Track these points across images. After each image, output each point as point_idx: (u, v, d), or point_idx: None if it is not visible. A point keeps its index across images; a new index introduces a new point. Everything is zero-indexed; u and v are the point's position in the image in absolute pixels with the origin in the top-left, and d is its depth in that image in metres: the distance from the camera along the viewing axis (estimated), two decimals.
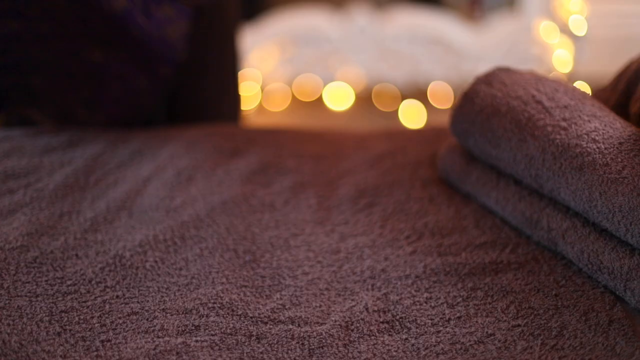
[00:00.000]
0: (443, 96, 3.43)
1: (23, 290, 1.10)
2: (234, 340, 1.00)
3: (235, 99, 2.03)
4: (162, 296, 1.10)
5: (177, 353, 0.97)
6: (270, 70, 3.49)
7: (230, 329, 1.02)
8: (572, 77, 3.16)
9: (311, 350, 0.99)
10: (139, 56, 1.67)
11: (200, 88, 1.88)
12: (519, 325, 1.04)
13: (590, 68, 3.23)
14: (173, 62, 1.71)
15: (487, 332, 1.03)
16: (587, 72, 3.20)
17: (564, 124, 1.17)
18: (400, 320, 1.05)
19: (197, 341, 0.99)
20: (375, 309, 1.07)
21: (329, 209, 1.31)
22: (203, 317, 1.04)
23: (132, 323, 1.04)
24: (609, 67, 3.10)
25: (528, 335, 1.02)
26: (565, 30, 3.22)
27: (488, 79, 1.32)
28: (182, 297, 1.09)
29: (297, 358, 0.98)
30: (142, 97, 1.73)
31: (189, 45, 1.74)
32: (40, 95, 1.68)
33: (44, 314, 1.05)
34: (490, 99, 1.28)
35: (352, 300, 1.10)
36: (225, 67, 1.92)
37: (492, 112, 1.26)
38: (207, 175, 1.43)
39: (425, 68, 3.50)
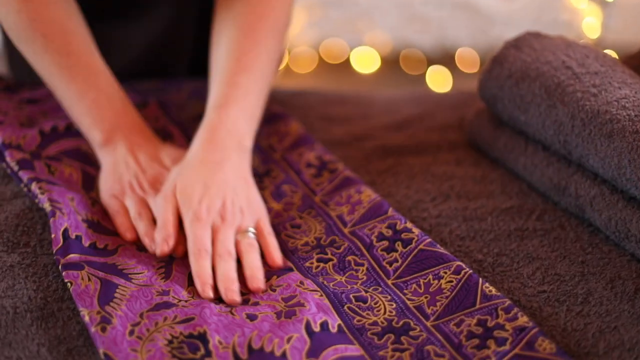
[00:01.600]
0: (470, 61, 3.41)
1: (49, 249, 1.10)
2: None
3: None
4: None
5: None
6: (296, 33, 3.47)
7: None
8: (600, 44, 3.13)
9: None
10: None
11: None
12: (544, 292, 1.04)
13: (619, 35, 3.20)
14: None
15: (513, 298, 1.03)
16: (615, 39, 3.18)
17: (594, 90, 1.17)
18: None
19: None
20: None
21: (355, 169, 1.31)
22: None
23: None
24: (638, 34, 3.09)
25: (554, 301, 1.02)
26: None
27: (518, 44, 1.31)
28: None
29: None
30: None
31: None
32: None
33: None
34: (519, 63, 1.27)
35: None
36: None
37: (521, 77, 1.25)
38: None
39: (452, 33, 3.47)
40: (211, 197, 1.13)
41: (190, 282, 1.06)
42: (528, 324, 0.93)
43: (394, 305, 1.02)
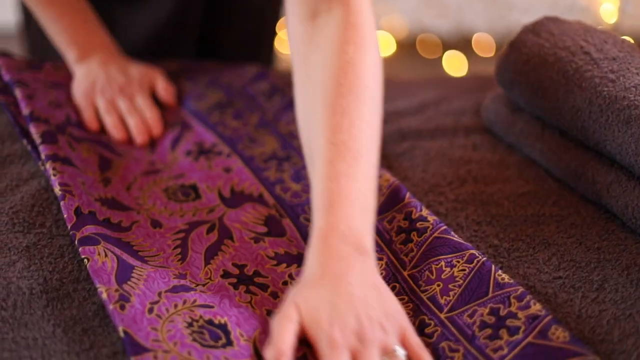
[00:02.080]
0: (487, 46, 3.40)
1: (65, 230, 1.11)
2: None
3: (271, 41, 2.00)
4: None
5: None
6: None
7: None
8: (617, 29, 3.11)
9: None
10: None
11: (237, 27, 1.84)
12: (560, 277, 1.04)
13: (636, 21, 3.19)
14: None
15: (528, 283, 1.02)
16: (633, 25, 3.16)
17: (612, 76, 1.16)
18: None
19: None
20: None
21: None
22: None
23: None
24: None
25: (569, 287, 1.02)
26: None
27: (536, 29, 1.30)
28: None
29: None
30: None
31: None
32: None
33: None
34: (537, 48, 1.26)
35: None
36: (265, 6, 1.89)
37: (539, 62, 1.25)
38: None
39: (469, 18, 3.46)
40: (342, 316, 0.92)
41: (206, 263, 1.06)
42: (541, 312, 0.93)
43: (411, 306, 1.01)
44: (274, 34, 1.93)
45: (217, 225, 1.14)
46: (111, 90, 1.42)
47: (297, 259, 1.09)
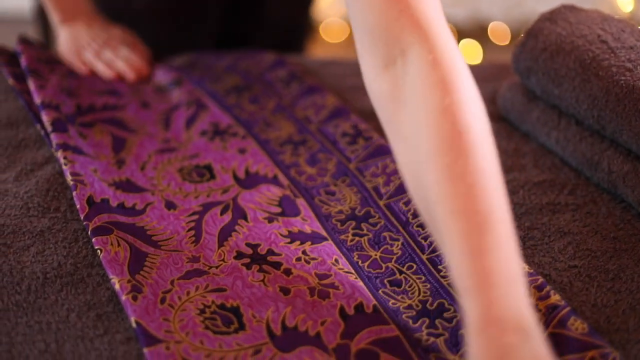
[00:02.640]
0: (502, 34, 3.39)
1: (79, 214, 1.11)
2: None
3: (309, 28, 2.00)
4: None
5: None
6: (328, 4, 3.45)
7: None
8: (633, 18, 3.10)
9: None
10: None
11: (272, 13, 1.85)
12: (576, 266, 1.03)
13: None
14: None
15: (543, 272, 1.02)
16: None
17: (629, 65, 1.15)
18: None
19: None
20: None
21: (387, 141, 1.30)
22: None
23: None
24: None
25: (585, 276, 1.02)
26: None
27: (553, 17, 1.30)
28: None
29: None
30: None
31: None
32: None
33: None
34: (554, 36, 1.26)
35: None
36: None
37: (556, 51, 1.24)
38: None
39: (486, 7, 3.45)
40: None
41: (220, 245, 1.07)
42: (560, 302, 0.92)
43: (428, 286, 1.01)
44: (308, 28, 1.94)
45: (231, 205, 1.14)
46: (96, 45, 1.54)
47: (311, 237, 1.10)
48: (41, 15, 1.79)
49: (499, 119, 1.40)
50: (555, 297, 0.93)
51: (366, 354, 0.91)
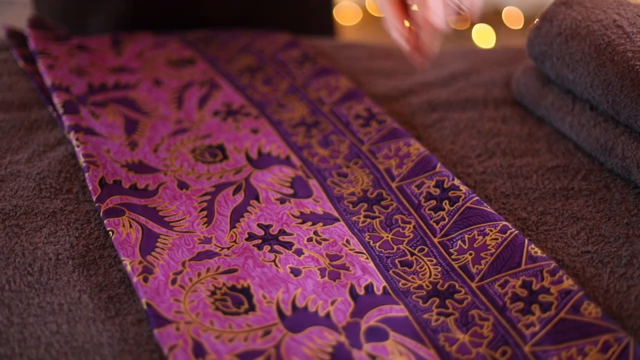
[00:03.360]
0: (515, 18, 3.37)
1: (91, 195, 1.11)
2: None
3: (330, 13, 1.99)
4: None
5: None
6: None
7: None
8: None
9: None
10: None
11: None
12: (588, 252, 1.03)
13: None
14: None
15: (556, 257, 1.02)
16: None
17: None
18: None
19: None
20: None
21: (401, 124, 1.30)
22: None
23: None
24: None
25: (597, 262, 1.01)
26: None
27: (568, 1, 1.29)
28: None
29: None
30: None
31: None
32: None
33: None
34: (569, 21, 1.25)
35: None
36: None
37: (571, 35, 1.23)
38: None
39: None
40: None
41: (232, 226, 1.07)
42: (573, 287, 0.92)
43: (439, 269, 1.01)
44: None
45: (244, 185, 1.14)
46: None
47: (323, 219, 1.10)
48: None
49: (513, 103, 1.39)
50: (568, 282, 0.93)
51: (376, 331, 0.92)
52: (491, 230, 1.02)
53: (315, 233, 1.07)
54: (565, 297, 0.91)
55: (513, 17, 3.37)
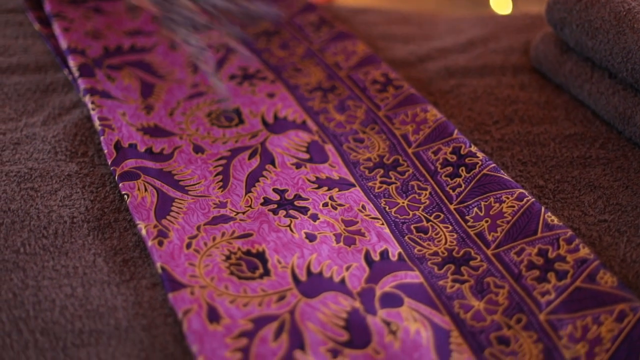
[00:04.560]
0: None
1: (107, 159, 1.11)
2: None
3: None
4: None
5: None
6: None
7: None
8: None
9: None
10: None
11: None
12: (605, 221, 1.02)
13: None
14: None
15: (573, 226, 1.01)
16: None
17: None
18: None
19: None
20: None
21: (418, 90, 1.29)
22: None
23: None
24: None
25: (614, 231, 1.01)
26: None
27: None
28: None
29: None
30: None
31: None
32: None
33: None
34: None
35: None
36: None
37: (591, 2, 1.22)
38: None
39: None
40: None
41: (247, 191, 1.06)
42: (589, 255, 0.92)
43: (455, 236, 1.01)
44: None
45: (260, 149, 1.14)
46: None
47: (339, 184, 1.09)
48: None
49: (531, 70, 1.38)
50: (584, 250, 0.92)
51: (390, 297, 0.91)
52: (508, 198, 1.02)
53: (331, 198, 1.06)
54: (581, 266, 0.91)
55: None
